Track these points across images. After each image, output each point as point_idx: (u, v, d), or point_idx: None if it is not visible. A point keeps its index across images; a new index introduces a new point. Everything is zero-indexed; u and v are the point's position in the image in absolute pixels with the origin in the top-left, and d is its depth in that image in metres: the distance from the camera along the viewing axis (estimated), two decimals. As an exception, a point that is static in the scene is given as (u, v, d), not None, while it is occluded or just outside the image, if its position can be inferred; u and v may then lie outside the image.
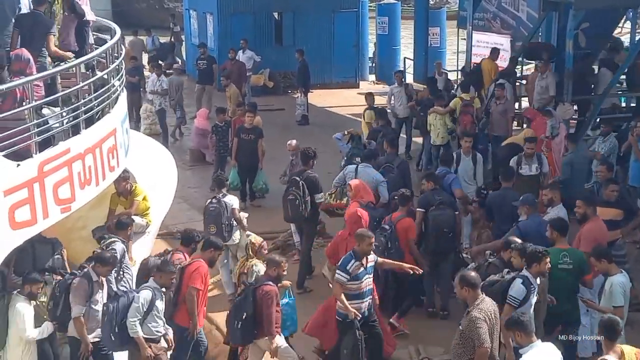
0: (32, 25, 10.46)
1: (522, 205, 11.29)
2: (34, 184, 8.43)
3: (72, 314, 9.54)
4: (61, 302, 9.66)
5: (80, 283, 9.61)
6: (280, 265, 9.83)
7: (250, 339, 9.83)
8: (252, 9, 27.68)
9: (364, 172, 13.06)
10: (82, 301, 9.54)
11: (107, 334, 9.41)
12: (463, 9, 24.61)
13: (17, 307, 9.51)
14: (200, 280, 9.85)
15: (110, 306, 9.39)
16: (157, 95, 21.10)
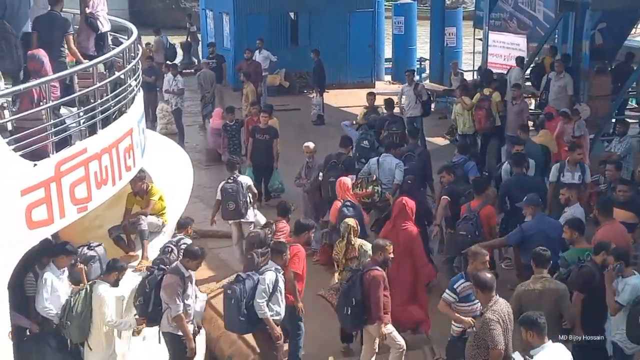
0: (49, 26, 10.52)
1: (527, 206, 11.28)
2: (51, 183, 8.46)
3: (173, 312, 9.58)
4: (152, 298, 9.74)
5: (173, 279, 9.63)
6: (385, 249, 9.78)
7: (360, 325, 9.97)
8: (268, 9, 27.72)
9: (384, 161, 13.82)
10: (179, 297, 9.59)
11: (235, 317, 9.57)
12: (479, 9, 24.60)
13: (101, 293, 9.59)
14: (300, 265, 10.23)
15: (236, 289, 9.53)
16: (173, 95, 21.17)
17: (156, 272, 9.88)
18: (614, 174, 12.88)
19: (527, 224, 11.05)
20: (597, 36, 19.08)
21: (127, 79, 10.89)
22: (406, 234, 11.01)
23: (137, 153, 10.83)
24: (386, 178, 13.63)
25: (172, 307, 9.61)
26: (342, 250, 10.94)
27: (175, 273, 9.70)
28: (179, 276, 9.67)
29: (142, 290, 9.86)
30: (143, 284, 9.88)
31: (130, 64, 11.09)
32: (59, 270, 9.81)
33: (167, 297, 9.63)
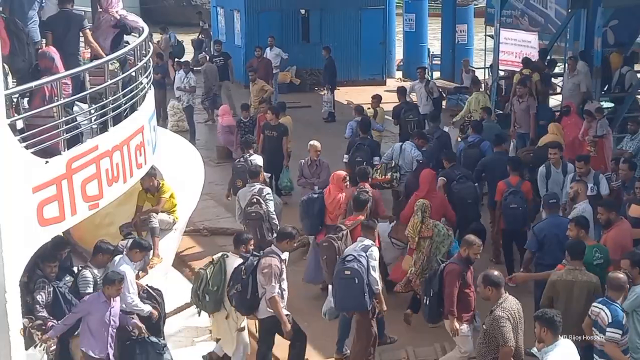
0: (65, 24, 10.54)
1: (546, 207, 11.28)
2: (62, 180, 8.47)
3: (268, 294, 9.58)
4: (250, 285, 9.68)
5: (272, 262, 9.63)
6: (472, 246, 9.54)
7: (436, 318, 9.96)
8: (279, 7, 27.75)
9: (405, 149, 14.51)
10: (276, 279, 9.61)
11: (359, 295, 9.74)
12: (491, 6, 24.49)
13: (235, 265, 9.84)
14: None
15: (357, 268, 9.70)
16: (185, 92, 21.19)
17: (251, 258, 9.83)
18: (627, 173, 12.80)
19: (538, 226, 11.01)
20: (609, 33, 19.00)
21: (138, 76, 10.91)
22: (437, 201, 12.03)
23: (148, 150, 10.84)
24: (405, 167, 14.32)
25: (268, 288, 9.58)
26: (417, 228, 11.14)
27: (274, 255, 9.74)
28: (277, 258, 9.73)
29: (238, 278, 9.74)
30: (238, 272, 9.78)
31: (141, 62, 11.10)
32: (133, 264, 10.04)
33: (266, 279, 9.57)
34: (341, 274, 9.86)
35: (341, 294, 9.98)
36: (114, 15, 11.28)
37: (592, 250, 9.71)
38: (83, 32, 10.68)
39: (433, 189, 12.42)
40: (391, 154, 14.60)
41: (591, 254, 9.66)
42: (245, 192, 12.44)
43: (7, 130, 7.86)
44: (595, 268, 9.53)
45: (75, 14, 10.80)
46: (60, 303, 9.68)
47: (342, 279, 9.86)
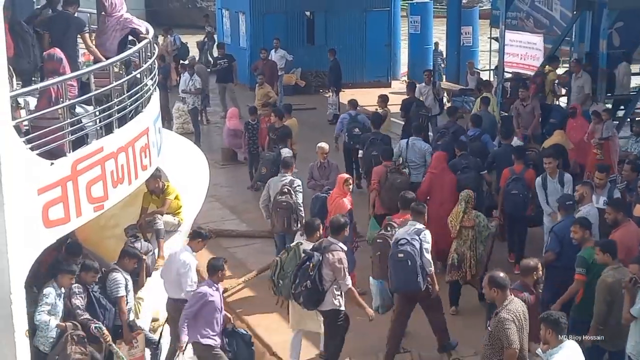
0: (64, 26, 10.53)
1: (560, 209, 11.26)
2: (68, 182, 8.48)
3: (343, 287, 9.98)
4: (317, 280, 9.91)
5: (342, 256, 9.96)
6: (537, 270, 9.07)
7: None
8: (285, 9, 27.79)
9: (414, 144, 14.95)
10: (346, 271, 9.98)
11: (412, 277, 10.20)
12: (496, 8, 24.51)
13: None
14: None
15: (410, 250, 10.15)
16: (190, 95, 21.21)
17: (316, 254, 10.00)
18: (629, 174, 12.80)
19: (558, 226, 10.90)
20: (614, 35, 18.97)
21: (143, 78, 10.92)
22: (451, 178, 13.22)
23: (153, 152, 10.85)
24: (416, 160, 14.81)
25: (342, 282, 9.93)
26: (459, 217, 11.68)
27: (339, 248, 10.02)
28: (344, 251, 10.03)
29: (305, 274, 9.94)
30: (305, 269, 9.97)
31: (146, 63, 11.11)
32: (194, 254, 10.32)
33: (337, 272, 9.88)
34: (395, 256, 10.32)
35: (396, 276, 10.42)
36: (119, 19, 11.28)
37: (593, 252, 9.66)
38: (82, 35, 10.65)
39: (446, 168, 13.46)
40: (399, 151, 14.96)
41: (591, 255, 9.63)
42: (277, 182, 12.92)
43: (13, 132, 7.87)
44: (600, 267, 9.50)
45: (75, 17, 10.76)
46: (95, 307, 9.64)
47: (396, 262, 10.31)
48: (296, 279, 10.06)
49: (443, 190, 13.09)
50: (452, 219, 11.80)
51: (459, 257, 11.70)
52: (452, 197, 12.63)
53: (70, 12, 10.66)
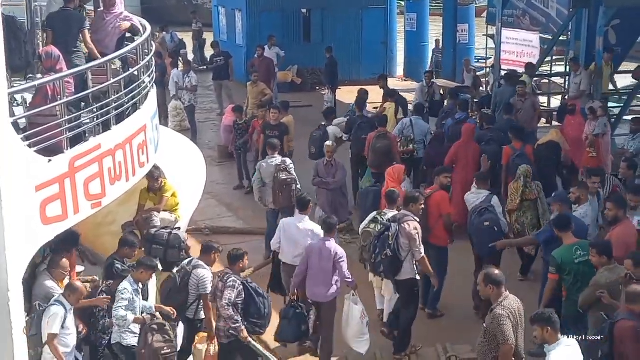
0: (64, 23, 10.55)
1: (555, 203, 11.28)
2: (65, 179, 8.48)
3: (417, 255, 10.58)
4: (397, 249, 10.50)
5: (417, 225, 10.65)
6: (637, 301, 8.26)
7: None
8: (281, 6, 27.80)
9: (416, 123, 16.23)
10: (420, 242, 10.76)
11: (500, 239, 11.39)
12: (492, 6, 24.53)
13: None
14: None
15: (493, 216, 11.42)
16: (187, 91, 21.19)
17: (394, 225, 10.55)
18: (626, 172, 12.83)
19: None
20: (610, 33, 19.00)
21: (140, 75, 10.91)
22: (475, 148, 14.62)
23: (151, 149, 10.84)
24: (418, 135, 16.00)
25: (417, 249, 10.55)
26: (519, 191, 12.32)
27: (413, 219, 10.64)
28: (418, 222, 10.68)
29: (385, 244, 10.50)
30: (384, 239, 10.54)
31: (144, 61, 11.11)
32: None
33: (412, 241, 10.50)
34: (481, 225, 11.45)
35: (481, 240, 11.48)
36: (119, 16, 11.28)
37: (573, 249, 9.72)
38: (82, 32, 10.66)
39: (472, 140, 14.80)
40: (402, 127, 16.14)
41: (572, 253, 9.67)
42: (267, 163, 13.80)
43: (10, 129, 7.87)
44: (581, 266, 9.56)
45: (76, 14, 10.78)
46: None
47: (482, 229, 11.45)
48: (376, 249, 10.59)
49: (467, 159, 14.50)
50: (512, 193, 12.48)
51: (520, 227, 12.28)
52: (475, 166, 14.19)
53: (70, 9, 10.66)
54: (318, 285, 10.48)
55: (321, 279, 10.46)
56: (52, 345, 8.86)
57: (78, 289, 9.24)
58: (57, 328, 8.88)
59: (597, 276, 9.27)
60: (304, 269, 10.55)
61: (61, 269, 9.81)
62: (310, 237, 11.08)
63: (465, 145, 14.72)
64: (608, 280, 9.10)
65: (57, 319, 8.87)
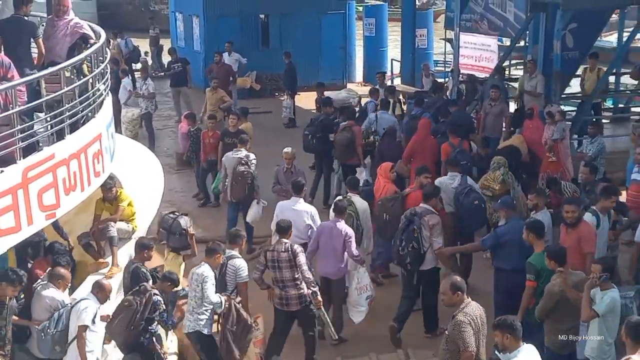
0: (15, 30, 10.31)
1: (501, 209, 11.30)
2: (18, 190, 8.31)
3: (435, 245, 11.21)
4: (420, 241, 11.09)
5: (438, 218, 11.38)
6: None
7: None
8: (239, 12, 27.63)
9: (381, 117, 17.12)
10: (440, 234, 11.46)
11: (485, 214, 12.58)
12: (450, 10, 24.58)
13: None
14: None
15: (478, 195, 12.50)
16: (143, 99, 20.96)
17: (417, 219, 11.12)
18: (588, 176, 12.89)
19: (501, 228, 11.05)
20: (567, 37, 19.10)
21: (95, 83, 10.73)
22: (432, 142, 15.23)
23: (107, 158, 10.68)
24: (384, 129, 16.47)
25: (435, 239, 11.18)
26: (497, 180, 13.00)
27: (434, 212, 11.30)
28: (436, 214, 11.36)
29: (411, 236, 11.07)
30: (410, 232, 11.09)
31: (98, 68, 10.93)
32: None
33: (437, 234, 11.20)
34: (470, 204, 12.38)
35: (473, 219, 12.48)
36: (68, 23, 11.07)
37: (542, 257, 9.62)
38: (36, 40, 10.44)
39: (429, 134, 15.44)
40: (368, 122, 16.99)
41: (541, 261, 9.61)
42: (232, 157, 14.37)
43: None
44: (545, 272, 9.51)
45: (27, 21, 10.55)
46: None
47: (472, 208, 12.37)
48: (402, 242, 11.14)
49: (424, 152, 14.96)
50: (489, 183, 13.06)
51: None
52: (433, 158, 14.86)
53: (21, 15, 10.43)
54: (329, 262, 11.31)
55: (332, 256, 11.27)
56: (81, 338, 9.17)
57: (106, 286, 9.63)
58: (89, 320, 9.26)
59: (550, 284, 9.27)
60: (315, 248, 11.37)
61: (64, 279, 9.80)
62: (307, 217, 11.96)
63: (422, 139, 15.24)
64: (561, 288, 9.09)
65: (90, 312, 9.30)
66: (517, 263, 10.19)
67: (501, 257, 10.76)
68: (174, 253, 11.81)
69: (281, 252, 10.41)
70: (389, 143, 15.93)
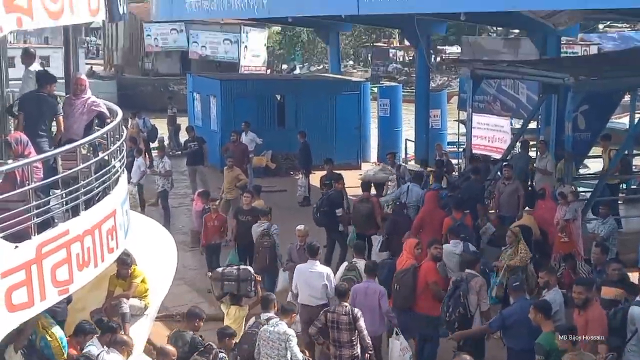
0: (37, 107, 10.58)
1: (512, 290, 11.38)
2: (32, 265, 8.38)
3: (483, 307, 11.73)
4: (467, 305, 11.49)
5: (484, 281, 11.93)
6: None
7: None
8: (255, 92, 28.07)
9: (412, 189, 18.09)
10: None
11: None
12: (463, 92, 24.87)
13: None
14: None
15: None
16: (160, 177, 21.20)
17: (463, 284, 11.62)
18: (599, 257, 12.89)
19: (508, 310, 11.09)
20: (579, 118, 19.27)
21: (111, 160, 10.91)
22: (440, 215, 15.78)
23: (120, 235, 10.77)
24: (413, 202, 17.61)
25: (484, 302, 11.74)
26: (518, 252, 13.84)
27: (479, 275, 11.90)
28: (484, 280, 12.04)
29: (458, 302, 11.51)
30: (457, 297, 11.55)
31: (114, 145, 11.12)
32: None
33: (481, 296, 11.72)
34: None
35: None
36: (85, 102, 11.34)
37: (554, 335, 9.63)
38: (56, 118, 10.72)
39: (437, 207, 16.08)
40: (399, 193, 18.24)
41: (549, 341, 9.60)
42: (256, 228, 15.41)
43: (-24, 215, 7.81)
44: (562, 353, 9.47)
45: (50, 99, 10.83)
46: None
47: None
48: (449, 308, 11.54)
49: (433, 224, 15.50)
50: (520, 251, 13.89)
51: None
52: (442, 230, 15.19)
53: (44, 93, 10.71)
54: (366, 321, 11.35)
55: (369, 316, 11.51)
56: None
57: (169, 353, 9.78)
58: None
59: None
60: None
61: (127, 345, 9.86)
62: (324, 278, 12.61)
63: (431, 211, 15.86)
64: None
65: None
66: (525, 343, 10.19)
67: (510, 337, 10.76)
68: (236, 306, 12.27)
69: (342, 315, 11.07)
70: (400, 218, 16.30)
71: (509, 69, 20.38)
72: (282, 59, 69.71)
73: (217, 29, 49.27)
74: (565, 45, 34.87)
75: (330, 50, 36.29)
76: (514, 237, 14.16)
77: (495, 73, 21.31)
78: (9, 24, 8.72)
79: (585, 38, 42.69)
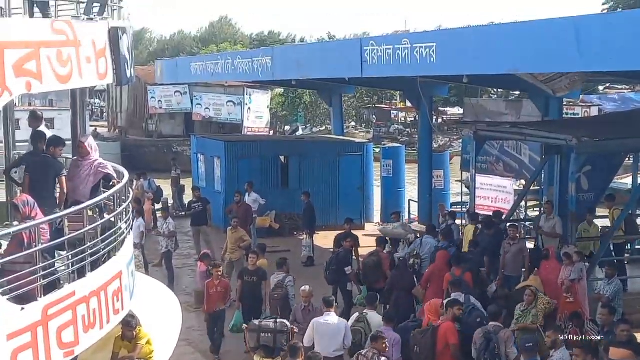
0: (42, 169, 10.67)
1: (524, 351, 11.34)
2: (38, 327, 8.38)
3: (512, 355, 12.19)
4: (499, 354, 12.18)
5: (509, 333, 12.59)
6: None
7: None
8: (259, 153, 28.21)
9: (425, 241, 18.49)
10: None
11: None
12: (466, 152, 25.01)
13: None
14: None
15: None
16: (164, 237, 21.23)
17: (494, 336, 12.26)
18: (607, 318, 12.84)
19: None
20: (582, 179, 19.35)
21: (117, 221, 10.95)
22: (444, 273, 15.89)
23: (126, 296, 10.77)
24: (426, 253, 18.07)
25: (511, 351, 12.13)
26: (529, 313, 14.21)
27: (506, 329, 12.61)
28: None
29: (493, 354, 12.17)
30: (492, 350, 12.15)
31: (120, 207, 11.17)
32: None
33: (509, 346, 12.23)
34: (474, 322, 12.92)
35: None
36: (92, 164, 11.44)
37: None
38: (59, 178, 10.81)
39: (445, 265, 16.24)
40: (414, 246, 18.50)
41: None
42: (273, 279, 15.88)
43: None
44: None
45: (55, 161, 10.94)
46: None
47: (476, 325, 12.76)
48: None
49: (441, 280, 15.77)
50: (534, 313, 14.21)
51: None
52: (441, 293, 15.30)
53: (50, 155, 10.81)
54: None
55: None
56: None
57: None
58: None
59: None
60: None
61: None
62: (342, 328, 12.94)
63: (439, 269, 16.23)
64: None
65: None
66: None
67: None
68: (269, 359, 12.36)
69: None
70: (402, 273, 16.63)
71: (512, 130, 20.51)
72: (284, 121, 70.21)
73: (220, 91, 49.78)
74: (567, 106, 35.21)
75: (334, 112, 36.59)
76: (534, 297, 14.44)
77: (499, 134, 21.45)
78: (18, 87, 8.81)
79: (586, 99, 43.07)
